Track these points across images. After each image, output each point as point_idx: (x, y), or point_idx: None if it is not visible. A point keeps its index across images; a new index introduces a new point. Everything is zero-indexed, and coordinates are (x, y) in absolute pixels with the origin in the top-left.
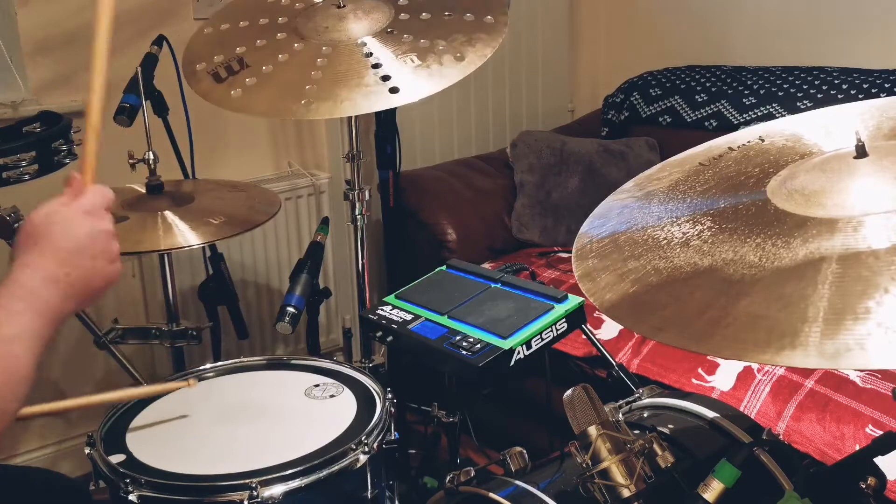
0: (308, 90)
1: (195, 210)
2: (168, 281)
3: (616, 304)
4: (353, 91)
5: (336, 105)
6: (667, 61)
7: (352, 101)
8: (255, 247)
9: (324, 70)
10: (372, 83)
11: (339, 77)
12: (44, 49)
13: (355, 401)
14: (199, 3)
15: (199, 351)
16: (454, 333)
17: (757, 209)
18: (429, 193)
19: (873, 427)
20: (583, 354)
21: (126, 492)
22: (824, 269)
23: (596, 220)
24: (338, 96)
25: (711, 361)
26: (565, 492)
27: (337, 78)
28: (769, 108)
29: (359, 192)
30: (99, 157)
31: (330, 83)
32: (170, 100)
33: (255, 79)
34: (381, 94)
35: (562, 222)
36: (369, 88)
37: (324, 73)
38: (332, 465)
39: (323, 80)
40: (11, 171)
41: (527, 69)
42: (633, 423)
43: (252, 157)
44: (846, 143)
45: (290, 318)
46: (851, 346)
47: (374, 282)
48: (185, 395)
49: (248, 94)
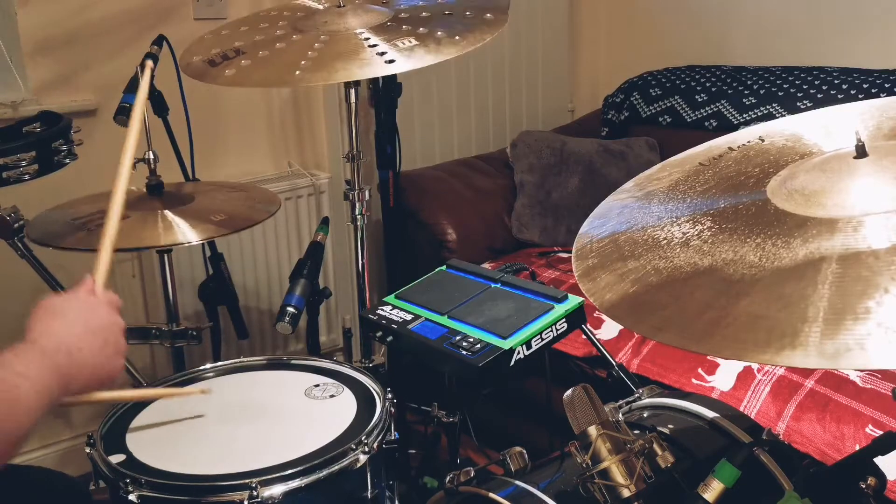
0: (303, 65)
1: (195, 209)
2: (168, 281)
3: (616, 304)
4: (348, 62)
5: (331, 74)
6: (667, 61)
7: (347, 70)
8: (255, 247)
9: (321, 51)
10: (368, 56)
11: (336, 54)
12: (44, 49)
13: (355, 401)
14: (199, 3)
15: (199, 351)
16: (454, 333)
17: (757, 209)
18: (429, 193)
19: (873, 427)
20: (583, 354)
21: (126, 492)
22: (824, 269)
23: (596, 220)
24: (333, 67)
25: (711, 361)
26: (565, 492)
27: (334, 54)
28: (769, 108)
29: (359, 192)
30: (112, 264)
31: (326, 57)
32: (170, 100)
33: (251, 61)
34: (377, 64)
35: (562, 222)
36: (365, 60)
37: (320, 53)
38: (332, 465)
39: (319, 57)
40: (11, 171)
41: (527, 69)
42: (633, 423)
43: (252, 157)
44: (846, 143)
45: (290, 318)
46: (851, 346)
47: (374, 282)
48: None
49: (241, 72)
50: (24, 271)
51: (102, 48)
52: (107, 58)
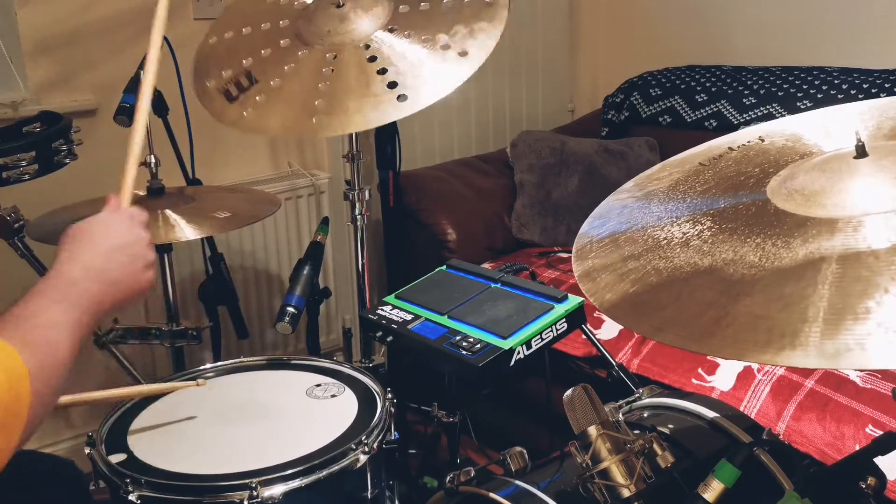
0: (317, 105)
1: (196, 208)
2: (168, 281)
3: (616, 304)
4: (361, 102)
5: (348, 119)
6: (667, 61)
7: (362, 113)
8: (256, 247)
9: (331, 80)
10: (380, 91)
11: (347, 88)
12: (44, 49)
13: (356, 401)
14: (199, 3)
15: (199, 351)
16: (454, 333)
17: (757, 209)
18: (429, 193)
19: (873, 427)
20: (583, 354)
21: (126, 492)
22: (824, 269)
23: (596, 220)
24: (347, 109)
25: (711, 361)
26: (565, 492)
27: (344, 88)
28: (769, 108)
29: (359, 192)
30: (135, 184)
31: (337, 94)
32: (169, 100)
33: (265, 95)
34: (390, 104)
35: (562, 222)
36: (378, 98)
37: (331, 84)
38: (333, 465)
39: (330, 92)
40: (11, 171)
41: (527, 69)
42: (633, 423)
43: (252, 157)
44: (846, 143)
45: (290, 318)
46: (851, 346)
47: (374, 282)
48: (186, 395)
49: (259, 113)
50: (24, 271)
51: (102, 48)
52: (107, 58)
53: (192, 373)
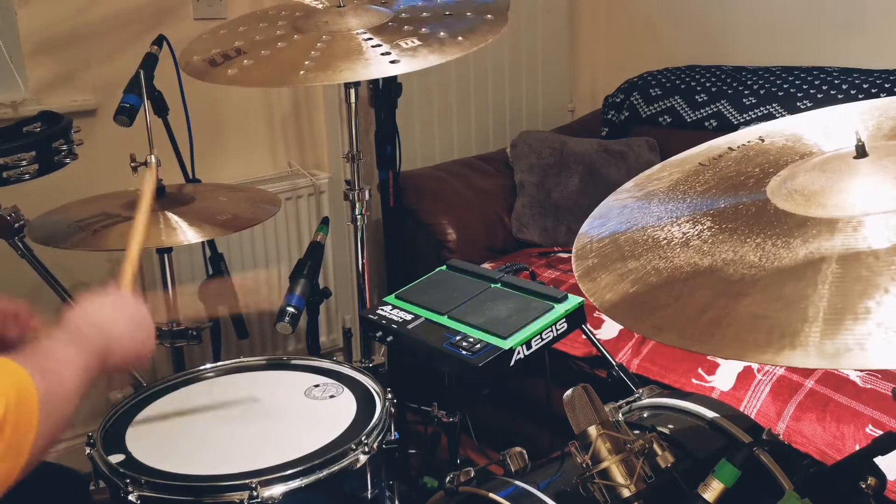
0: (307, 65)
1: (196, 209)
2: (168, 281)
3: (616, 304)
4: (352, 62)
5: (335, 73)
6: (667, 61)
7: (351, 69)
8: (255, 247)
9: (323, 51)
10: (371, 56)
11: (338, 55)
12: (44, 49)
13: (355, 401)
14: (199, 3)
15: (199, 351)
16: (454, 333)
17: (757, 209)
18: (429, 193)
19: (873, 427)
20: (583, 354)
21: (126, 492)
22: (824, 269)
23: (596, 220)
24: (336, 67)
25: (711, 361)
26: (565, 492)
27: (336, 55)
28: (769, 108)
29: (359, 192)
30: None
31: (328, 58)
32: (170, 100)
33: (253, 61)
34: (381, 64)
35: (562, 222)
36: (369, 60)
37: (323, 53)
38: (332, 465)
39: (322, 57)
40: (11, 171)
41: (527, 69)
42: (633, 423)
43: (252, 156)
44: (846, 143)
45: (290, 318)
46: (851, 346)
47: (374, 282)
48: (186, 395)
49: (243, 71)
50: (24, 271)
51: (102, 48)
52: (107, 58)
53: (193, 373)
